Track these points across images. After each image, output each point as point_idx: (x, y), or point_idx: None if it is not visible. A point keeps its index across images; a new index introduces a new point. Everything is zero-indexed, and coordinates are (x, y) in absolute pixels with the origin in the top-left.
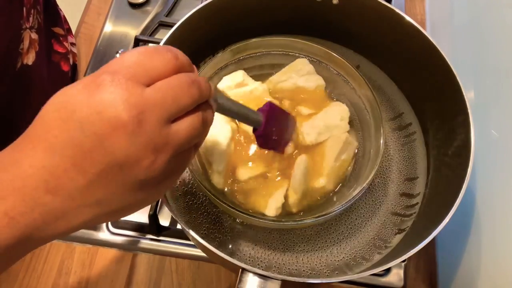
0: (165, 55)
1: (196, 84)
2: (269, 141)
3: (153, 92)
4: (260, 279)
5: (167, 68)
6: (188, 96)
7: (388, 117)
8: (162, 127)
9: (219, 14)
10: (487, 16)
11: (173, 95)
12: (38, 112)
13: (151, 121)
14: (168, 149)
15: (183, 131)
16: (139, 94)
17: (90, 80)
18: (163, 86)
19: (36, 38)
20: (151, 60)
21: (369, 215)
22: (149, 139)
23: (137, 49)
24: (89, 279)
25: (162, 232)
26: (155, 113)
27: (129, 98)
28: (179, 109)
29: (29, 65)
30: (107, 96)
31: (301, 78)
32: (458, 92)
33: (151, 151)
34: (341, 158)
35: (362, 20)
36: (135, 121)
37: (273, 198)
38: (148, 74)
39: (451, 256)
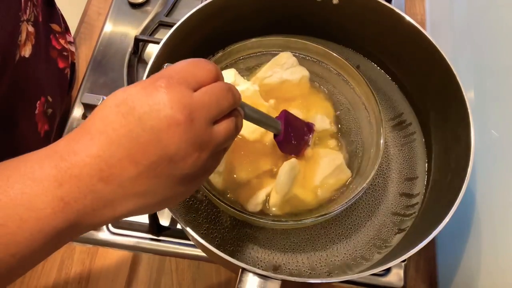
0: (208, 65)
1: (231, 91)
2: (289, 145)
3: (201, 95)
4: (260, 279)
5: (209, 76)
6: (227, 100)
7: (388, 117)
8: (207, 127)
9: (219, 14)
10: (487, 16)
11: (216, 99)
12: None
13: (199, 121)
14: (210, 147)
15: (222, 132)
16: (190, 96)
17: (148, 82)
18: (208, 91)
19: (33, 31)
20: (197, 69)
21: (369, 215)
22: (197, 136)
23: (183, 60)
24: (89, 279)
25: (162, 232)
26: (203, 114)
27: (182, 99)
28: (220, 112)
29: (26, 57)
30: (164, 96)
31: (286, 72)
32: (458, 92)
33: (197, 148)
34: (328, 181)
35: (362, 20)
36: (188, 120)
37: (256, 195)
38: (196, 80)
39: (451, 256)
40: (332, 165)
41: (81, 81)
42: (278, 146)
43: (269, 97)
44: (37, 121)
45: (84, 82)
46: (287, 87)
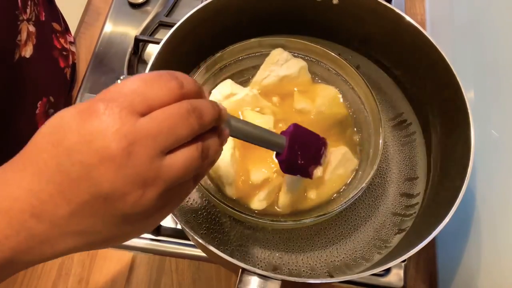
0: (169, 83)
1: (196, 112)
2: (293, 166)
3: (147, 122)
4: (260, 279)
5: (169, 98)
6: (186, 126)
7: (388, 117)
8: (154, 160)
9: (219, 14)
10: (487, 16)
11: (169, 125)
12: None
13: (141, 154)
14: (159, 183)
15: (178, 164)
16: (131, 124)
17: (85, 106)
18: (159, 116)
19: (34, 31)
20: (152, 88)
21: (369, 215)
22: (138, 172)
23: (139, 75)
24: (89, 279)
25: (162, 232)
26: (147, 145)
27: (120, 129)
28: (174, 141)
29: (26, 57)
30: (97, 124)
31: (282, 68)
32: (458, 92)
33: (139, 185)
34: (337, 172)
35: (362, 20)
36: (124, 153)
37: (261, 192)
38: (147, 103)
39: (451, 256)
40: (338, 155)
41: (81, 81)
42: (280, 166)
43: (272, 96)
44: (38, 121)
45: (84, 82)
46: (287, 82)
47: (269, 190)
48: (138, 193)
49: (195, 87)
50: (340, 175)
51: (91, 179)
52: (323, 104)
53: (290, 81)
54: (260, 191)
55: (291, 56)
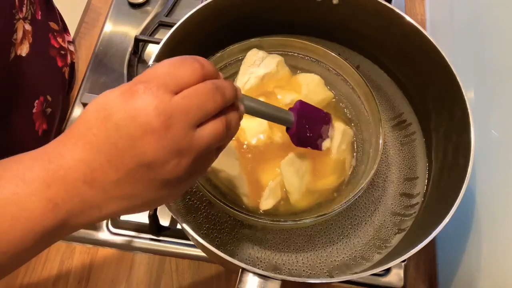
0: (192, 64)
1: (220, 91)
2: (303, 139)
3: (181, 99)
4: (260, 279)
5: (194, 77)
6: (213, 102)
7: (388, 117)
8: (188, 132)
9: (219, 14)
10: (487, 16)
11: (198, 102)
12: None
13: (177, 127)
14: (191, 152)
15: (206, 136)
16: (168, 101)
17: (127, 87)
18: (189, 94)
19: (30, 30)
20: (179, 70)
21: (369, 215)
22: (175, 143)
23: (167, 60)
24: (89, 279)
25: (162, 232)
26: (181, 119)
27: (159, 105)
28: (203, 115)
29: (22, 56)
30: (140, 102)
31: (260, 68)
32: (458, 92)
33: (176, 154)
34: (341, 148)
35: (362, 20)
36: (164, 126)
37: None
38: (177, 83)
39: (451, 256)
40: (338, 133)
41: (81, 81)
42: (292, 139)
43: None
44: (35, 120)
45: (84, 82)
46: (268, 79)
47: (271, 187)
48: (175, 161)
49: (213, 68)
50: (343, 150)
51: (136, 149)
52: (309, 92)
53: (271, 77)
54: (263, 191)
55: (267, 54)
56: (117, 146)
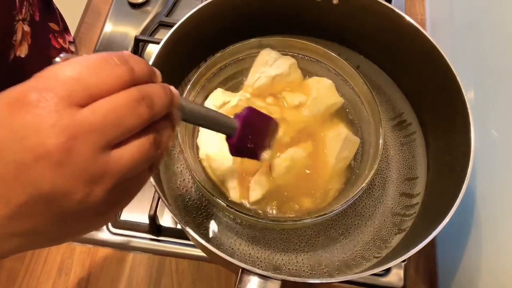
0: (117, 69)
1: (147, 101)
2: (243, 149)
3: (90, 114)
4: (260, 279)
5: (116, 84)
6: (136, 116)
7: (388, 117)
8: (98, 155)
9: (219, 14)
10: (487, 16)
11: (115, 117)
12: None
13: (83, 149)
14: (108, 179)
15: (128, 157)
16: (71, 117)
17: (15, 97)
18: (103, 106)
19: (29, 31)
20: (95, 75)
21: (369, 215)
22: (81, 169)
23: (80, 59)
24: (89, 279)
25: (162, 232)
26: (89, 140)
27: (57, 123)
28: (121, 133)
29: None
30: (30, 118)
31: (272, 68)
32: (458, 92)
33: (85, 182)
34: (342, 156)
35: (362, 20)
36: (62, 150)
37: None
38: (89, 93)
39: (451, 256)
40: (339, 139)
41: None
42: (229, 148)
43: (266, 97)
44: None
45: None
46: (279, 80)
47: (256, 178)
48: (85, 191)
49: (147, 70)
50: (345, 158)
51: (28, 180)
52: (318, 95)
53: (282, 79)
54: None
55: (280, 55)
56: (4, 176)
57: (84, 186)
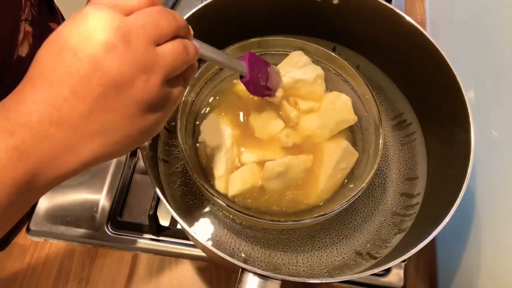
0: None
1: (171, 14)
2: (258, 86)
3: (134, 17)
4: (260, 279)
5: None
6: (166, 22)
7: (388, 117)
8: (149, 47)
9: (219, 14)
10: (487, 16)
11: (152, 19)
12: None
13: (138, 41)
14: (158, 69)
15: (169, 53)
16: (121, 18)
17: (76, 13)
18: (141, 13)
19: (30, 31)
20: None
21: (369, 215)
22: (139, 56)
23: None
24: (89, 279)
25: (162, 232)
26: (140, 34)
27: (113, 21)
28: (160, 33)
29: (23, 56)
30: (93, 22)
31: (299, 71)
32: (458, 92)
33: (143, 70)
34: (340, 166)
35: (362, 20)
36: (124, 40)
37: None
38: (127, 6)
39: (451, 256)
40: (339, 149)
41: None
42: (246, 87)
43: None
44: None
45: None
46: (301, 86)
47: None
48: (144, 77)
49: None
50: (343, 169)
51: (100, 69)
52: (332, 109)
53: (304, 86)
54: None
55: (310, 62)
56: (80, 72)
57: (142, 73)
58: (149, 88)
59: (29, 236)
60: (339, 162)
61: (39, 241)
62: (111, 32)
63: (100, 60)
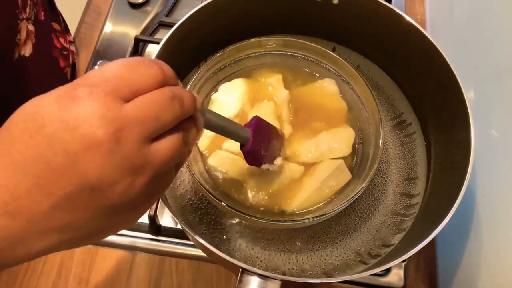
0: (151, 68)
1: (178, 99)
2: (257, 157)
3: (134, 107)
4: (260, 279)
5: (152, 83)
6: (171, 112)
7: (388, 117)
8: (142, 146)
9: (219, 14)
10: (487, 16)
11: (154, 112)
12: None
13: (130, 140)
14: (147, 170)
15: (164, 151)
16: (118, 110)
17: (64, 91)
18: (144, 101)
19: (33, 30)
20: (134, 74)
21: (369, 215)
22: (127, 159)
23: (119, 61)
24: (89, 279)
25: (162, 232)
26: (134, 131)
27: (106, 114)
28: (160, 127)
29: (26, 56)
30: (82, 110)
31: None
32: (458, 92)
33: (129, 173)
34: (329, 183)
35: (362, 20)
36: (112, 139)
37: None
38: (130, 89)
39: (451, 256)
40: (332, 166)
41: None
42: (245, 157)
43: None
44: None
45: None
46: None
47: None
48: (128, 181)
49: (173, 74)
50: (331, 186)
51: (76, 169)
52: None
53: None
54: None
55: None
56: (51, 165)
57: (128, 176)
58: (131, 191)
59: None
60: (329, 178)
61: None
62: (100, 127)
63: (78, 158)
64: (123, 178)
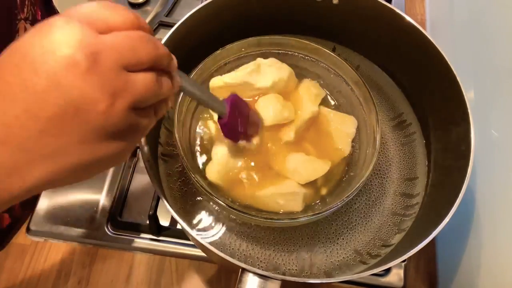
0: (126, 12)
1: (152, 43)
2: (234, 131)
3: (109, 37)
4: (260, 279)
5: (127, 22)
6: (145, 50)
7: (388, 117)
8: (120, 71)
9: (219, 14)
10: (487, 16)
11: (130, 44)
12: None
13: (107, 62)
14: (126, 95)
15: (141, 83)
16: (94, 36)
17: (43, 23)
18: (120, 34)
19: None
20: (112, 11)
21: (369, 215)
22: (106, 79)
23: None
24: (89, 279)
25: (162, 232)
26: (111, 55)
27: (83, 38)
28: (134, 61)
29: None
30: (60, 35)
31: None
32: (458, 92)
33: (108, 93)
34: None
35: (362, 20)
36: (90, 59)
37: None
38: (106, 23)
39: (451, 256)
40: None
41: None
42: (221, 129)
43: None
44: None
45: None
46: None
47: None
48: (109, 101)
49: (149, 27)
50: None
51: (59, 88)
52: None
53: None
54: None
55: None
56: (35, 88)
57: (108, 96)
58: (113, 113)
59: (29, 236)
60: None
61: (39, 241)
62: (77, 48)
63: (59, 77)
64: (104, 98)
